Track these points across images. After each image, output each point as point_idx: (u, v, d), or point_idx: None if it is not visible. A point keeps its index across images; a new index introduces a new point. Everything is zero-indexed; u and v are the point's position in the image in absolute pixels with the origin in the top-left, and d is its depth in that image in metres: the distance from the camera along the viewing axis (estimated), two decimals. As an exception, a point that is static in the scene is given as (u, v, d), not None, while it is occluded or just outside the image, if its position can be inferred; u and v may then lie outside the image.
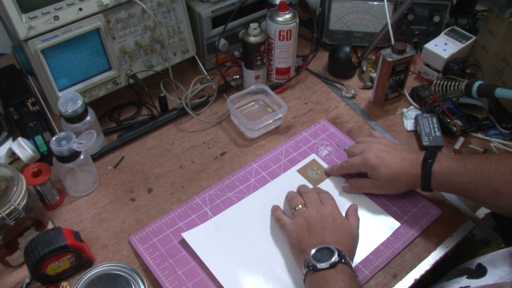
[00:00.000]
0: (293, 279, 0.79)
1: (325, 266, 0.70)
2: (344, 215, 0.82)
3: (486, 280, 0.78)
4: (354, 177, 0.92)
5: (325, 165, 0.97)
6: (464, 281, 0.80)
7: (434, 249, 0.84)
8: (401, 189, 0.87)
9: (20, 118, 0.97)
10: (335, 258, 0.70)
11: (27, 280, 0.80)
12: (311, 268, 0.71)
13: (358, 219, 0.82)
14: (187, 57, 1.11)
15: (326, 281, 0.69)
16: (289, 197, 0.88)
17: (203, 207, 0.90)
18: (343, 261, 0.71)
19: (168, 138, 1.05)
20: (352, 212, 0.83)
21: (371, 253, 0.83)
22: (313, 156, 0.99)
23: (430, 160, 0.81)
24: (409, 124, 1.06)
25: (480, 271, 0.81)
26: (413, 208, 0.89)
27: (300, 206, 0.83)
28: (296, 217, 0.82)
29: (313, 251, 0.73)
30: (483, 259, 0.82)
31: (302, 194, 0.87)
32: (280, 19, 1.05)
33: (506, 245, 1.00)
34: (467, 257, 0.96)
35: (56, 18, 0.88)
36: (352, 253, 0.77)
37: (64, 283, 0.79)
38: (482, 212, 0.89)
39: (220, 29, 1.12)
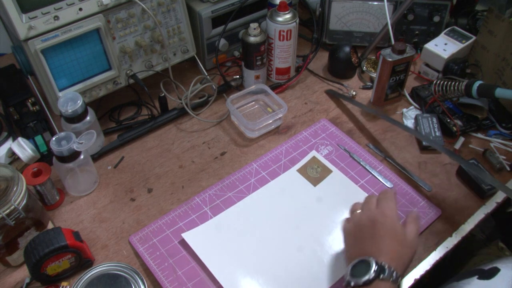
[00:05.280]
0: (293, 279, 0.79)
1: (359, 284, 0.66)
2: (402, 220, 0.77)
3: (497, 281, 0.77)
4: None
5: (325, 162, 0.97)
6: (475, 281, 0.79)
7: (434, 249, 0.84)
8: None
9: (20, 118, 0.97)
10: (369, 275, 0.66)
11: (27, 280, 0.80)
12: (346, 285, 0.68)
13: (416, 227, 0.75)
14: (187, 57, 1.11)
15: None
16: (353, 204, 0.82)
17: (203, 207, 0.90)
18: (381, 276, 0.66)
19: (168, 138, 1.05)
20: (411, 219, 0.76)
21: (371, 253, 0.83)
22: (313, 153, 0.99)
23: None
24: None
25: (492, 272, 0.79)
26: (413, 208, 0.89)
27: (358, 211, 0.78)
28: (349, 223, 0.78)
29: (350, 266, 0.69)
30: (500, 263, 0.81)
31: (365, 198, 0.81)
32: (280, 19, 1.05)
33: (506, 245, 1.00)
34: (467, 257, 0.96)
35: (56, 18, 0.88)
36: (403, 263, 0.70)
37: (64, 283, 0.79)
38: (482, 212, 0.89)
39: (220, 29, 1.12)
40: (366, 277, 0.66)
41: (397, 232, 0.72)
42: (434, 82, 1.04)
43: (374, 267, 0.66)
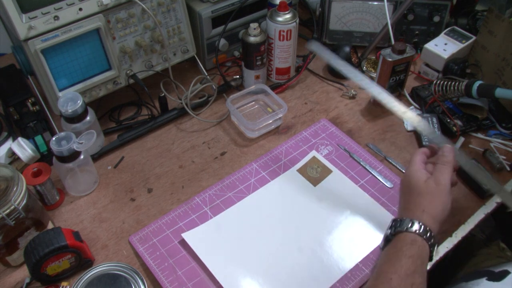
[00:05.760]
0: (293, 279, 0.79)
1: (383, 244, 0.70)
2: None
3: (507, 283, 0.77)
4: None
5: (325, 162, 0.97)
6: (484, 283, 0.79)
7: (434, 249, 0.84)
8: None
9: (20, 118, 0.97)
10: (385, 232, 0.68)
11: (27, 280, 0.80)
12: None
13: (439, 173, 0.71)
14: (187, 57, 1.11)
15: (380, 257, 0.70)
16: None
17: (203, 207, 0.90)
18: (398, 228, 0.66)
19: (168, 138, 1.05)
20: (441, 160, 0.72)
21: (371, 252, 0.83)
22: (313, 153, 0.99)
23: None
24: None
25: (502, 274, 0.80)
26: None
27: None
28: None
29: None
30: (510, 267, 0.81)
31: None
32: (280, 19, 1.05)
33: (507, 246, 1.00)
34: (467, 257, 0.96)
35: (56, 18, 0.88)
36: (422, 210, 0.68)
37: (64, 283, 0.79)
38: (482, 212, 0.89)
39: (220, 29, 1.12)
40: (384, 235, 0.69)
41: (412, 185, 0.72)
42: (434, 82, 1.04)
43: (390, 223, 0.68)
